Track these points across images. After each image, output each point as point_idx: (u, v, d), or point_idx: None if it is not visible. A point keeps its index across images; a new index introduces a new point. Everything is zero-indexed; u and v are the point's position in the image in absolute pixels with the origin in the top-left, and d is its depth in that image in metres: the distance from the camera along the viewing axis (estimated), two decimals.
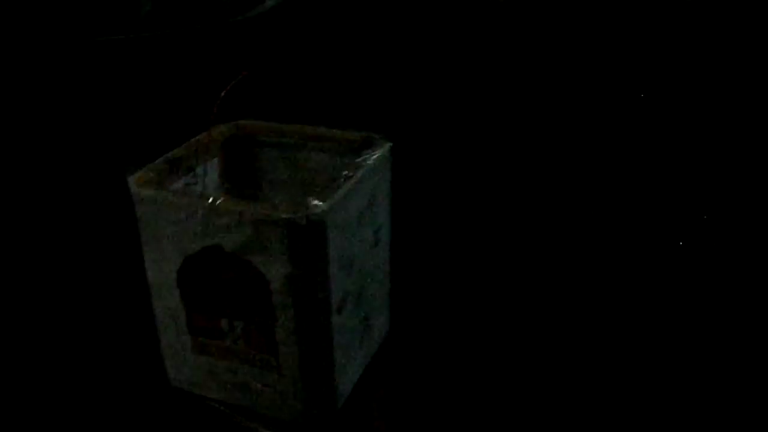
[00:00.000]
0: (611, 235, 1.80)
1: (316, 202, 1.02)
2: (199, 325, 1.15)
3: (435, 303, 1.57)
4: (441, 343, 1.44)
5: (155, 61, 2.73)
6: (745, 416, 1.22)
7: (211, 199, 1.03)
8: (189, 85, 2.38)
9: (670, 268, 1.65)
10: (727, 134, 2.33)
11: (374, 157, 1.19)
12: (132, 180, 1.09)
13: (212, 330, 1.14)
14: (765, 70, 2.73)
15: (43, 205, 1.94)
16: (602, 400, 1.27)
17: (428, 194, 1.99)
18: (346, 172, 1.12)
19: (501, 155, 2.28)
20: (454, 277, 1.65)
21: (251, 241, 1.03)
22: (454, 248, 1.79)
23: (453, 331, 1.47)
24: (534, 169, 2.18)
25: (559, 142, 2.36)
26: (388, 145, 1.23)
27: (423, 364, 1.38)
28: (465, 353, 1.40)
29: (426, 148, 2.19)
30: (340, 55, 3.00)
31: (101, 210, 1.81)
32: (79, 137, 2.28)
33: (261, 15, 3.22)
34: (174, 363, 1.22)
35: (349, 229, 1.11)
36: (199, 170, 1.21)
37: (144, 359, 1.29)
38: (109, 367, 1.37)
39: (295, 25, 3.26)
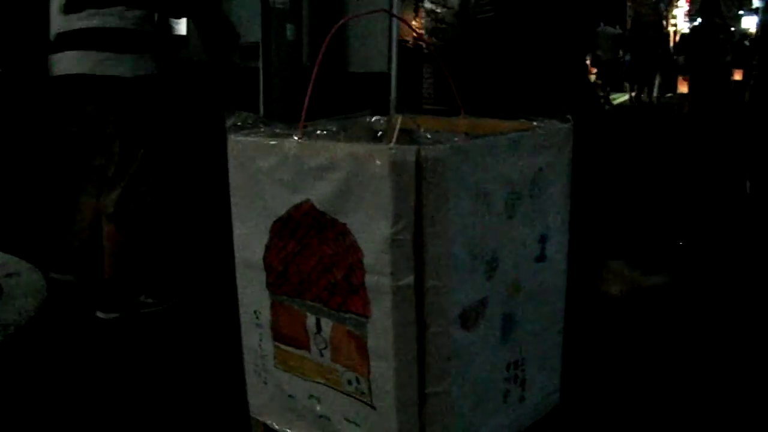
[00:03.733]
0: None
1: (434, 140, 0.72)
2: (284, 326, 0.86)
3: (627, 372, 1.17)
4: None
5: None
6: None
7: (302, 136, 0.79)
8: None
9: None
10: None
11: (541, 129, 0.87)
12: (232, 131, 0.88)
13: (297, 334, 0.85)
14: None
15: None
16: None
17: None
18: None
19: None
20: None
21: (345, 190, 0.75)
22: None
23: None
24: None
25: None
26: (567, 125, 0.90)
27: None
28: None
29: None
30: None
31: None
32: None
33: None
34: (255, 382, 0.93)
35: (487, 200, 0.78)
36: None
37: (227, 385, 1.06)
38: (189, 390, 1.18)
39: None
